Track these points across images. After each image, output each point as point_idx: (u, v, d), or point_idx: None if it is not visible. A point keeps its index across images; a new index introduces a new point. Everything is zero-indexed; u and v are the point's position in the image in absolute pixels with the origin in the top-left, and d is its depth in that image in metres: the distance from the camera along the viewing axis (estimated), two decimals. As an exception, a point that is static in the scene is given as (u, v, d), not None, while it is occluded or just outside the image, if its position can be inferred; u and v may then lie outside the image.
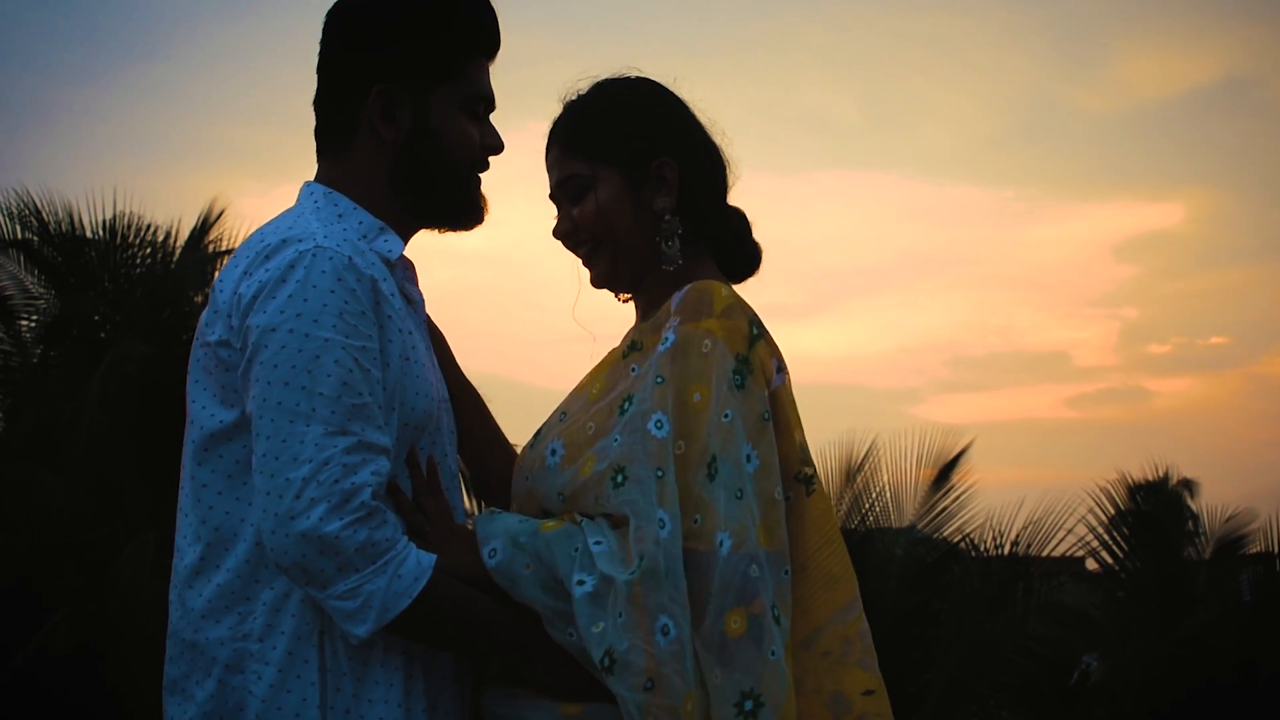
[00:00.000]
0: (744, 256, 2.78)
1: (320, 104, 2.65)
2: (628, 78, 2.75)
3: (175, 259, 13.09)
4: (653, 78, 2.75)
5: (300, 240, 2.43)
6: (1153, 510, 11.84)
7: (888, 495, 11.93)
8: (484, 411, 2.89)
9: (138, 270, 13.06)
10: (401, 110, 2.58)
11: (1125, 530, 11.85)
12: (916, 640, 11.37)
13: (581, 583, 2.35)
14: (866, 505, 11.90)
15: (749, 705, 2.33)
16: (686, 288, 2.56)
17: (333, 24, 2.63)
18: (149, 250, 13.11)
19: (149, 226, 13.12)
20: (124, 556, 10.58)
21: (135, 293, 12.77)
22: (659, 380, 2.46)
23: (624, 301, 2.78)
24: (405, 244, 2.66)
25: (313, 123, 2.69)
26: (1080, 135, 26.77)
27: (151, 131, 24.76)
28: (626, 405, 2.49)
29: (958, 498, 12.04)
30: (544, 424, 2.67)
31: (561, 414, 2.64)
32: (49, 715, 10.70)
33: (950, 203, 27.27)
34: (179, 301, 12.64)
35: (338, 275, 2.39)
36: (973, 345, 26.82)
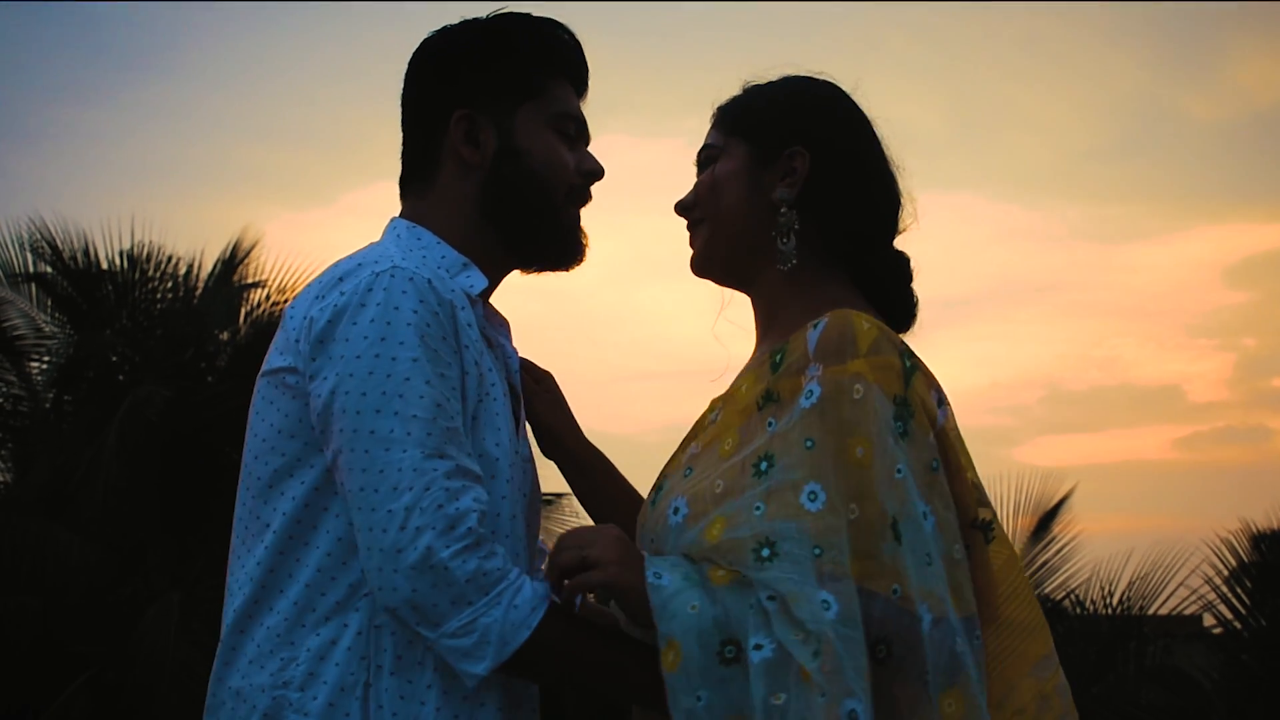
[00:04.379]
0: (900, 302, 2.66)
1: (405, 149, 2.69)
2: (808, 75, 2.70)
3: (199, 294, 13.13)
4: (842, 86, 2.68)
5: (376, 262, 2.42)
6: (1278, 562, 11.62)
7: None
8: (613, 473, 2.86)
9: (158, 306, 13.11)
10: (485, 133, 2.60)
11: (1248, 584, 11.63)
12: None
13: (759, 647, 2.25)
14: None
15: None
16: (823, 321, 2.42)
17: (412, 67, 2.69)
18: (170, 285, 13.19)
19: (170, 259, 13.21)
20: (147, 619, 10.61)
21: (156, 331, 12.83)
22: (809, 444, 2.34)
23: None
24: (495, 284, 2.66)
25: (350, 146, 2.61)
26: (1191, 147, 26.50)
27: (169, 155, 24.90)
28: (764, 465, 2.37)
29: (1059, 550, 11.89)
30: (665, 477, 2.58)
31: (687, 469, 2.52)
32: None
33: (1047, 223, 27.08)
34: (203, 340, 12.70)
35: (420, 296, 2.38)
36: (1074, 380, 26.59)
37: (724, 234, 2.62)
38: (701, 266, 2.68)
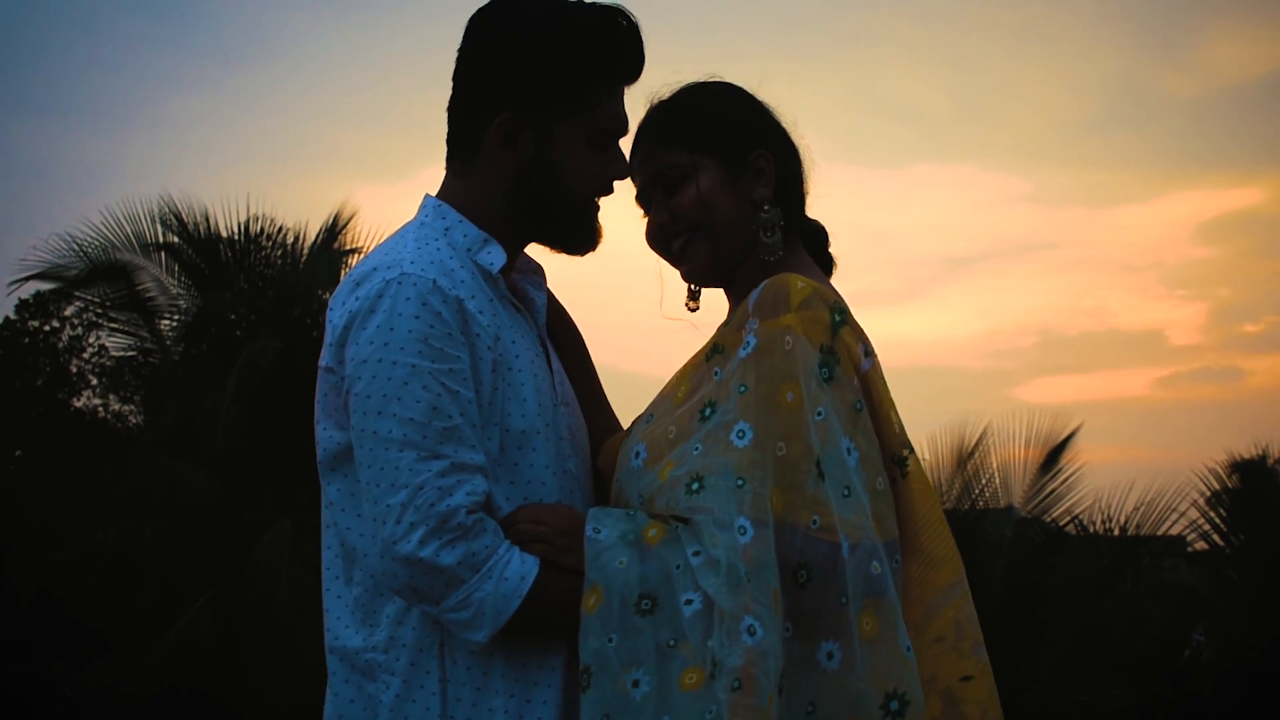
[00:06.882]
0: (827, 257, 2.72)
1: (450, 115, 2.59)
2: (715, 80, 2.69)
3: (304, 259, 13.30)
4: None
5: (388, 268, 2.42)
6: (1258, 487, 11.65)
7: (997, 479, 11.85)
8: (605, 420, 2.81)
9: (270, 270, 13.29)
10: (523, 139, 2.51)
11: (1229, 506, 11.68)
12: (1026, 619, 11.27)
13: (689, 602, 2.30)
14: (978, 489, 11.81)
15: (895, 705, 2.30)
16: (763, 284, 2.45)
17: (469, 37, 2.56)
18: (280, 252, 13.33)
19: (279, 229, 13.40)
20: (262, 544, 10.94)
21: (268, 292, 13.11)
22: (741, 389, 2.39)
23: (692, 309, 2.73)
24: (517, 255, 2.63)
25: (425, 128, 2.70)
26: (1169, 119, 26.45)
27: (274, 137, 25.29)
28: (708, 412, 2.43)
29: (1066, 479, 11.94)
30: (633, 423, 2.62)
31: (649, 415, 2.58)
32: (193, 695, 10.95)
33: (1040, 189, 27.17)
34: (309, 300, 12.89)
35: (422, 300, 2.38)
36: (1066, 327, 26.67)
37: (726, 244, 2.59)
38: (703, 278, 2.66)
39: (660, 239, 2.64)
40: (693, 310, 2.72)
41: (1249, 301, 27.20)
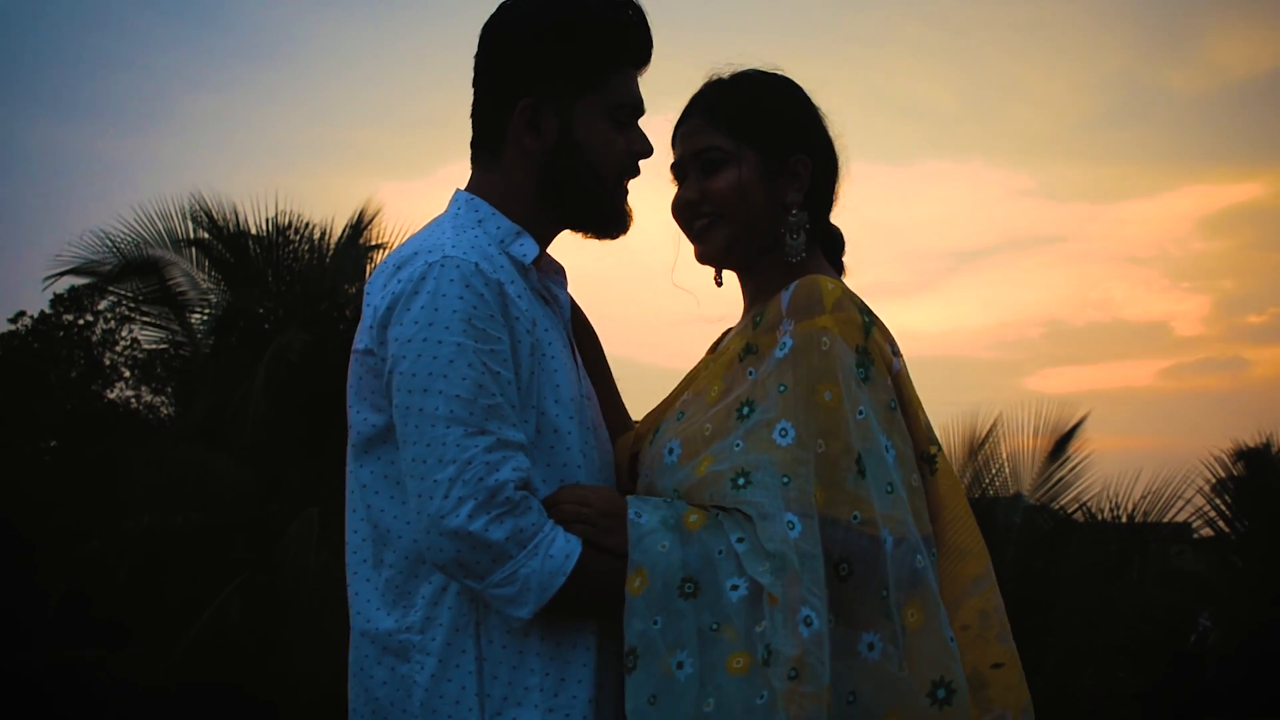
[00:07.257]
0: (839, 264, 2.74)
1: (474, 115, 2.64)
2: (777, 73, 2.69)
3: (330, 254, 13.39)
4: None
5: (429, 251, 2.44)
6: (1262, 475, 11.69)
7: (1006, 468, 11.90)
8: (620, 418, 2.84)
9: (297, 265, 13.39)
10: (547, 122, 2.55)
11: (1234, 494, 11.72)
12: (1035, 605, 11.31)
13: (735, 588, 2.32)
14: (988, 479, 11.86)
15: (941, 693, 2.32)
16: (793, 286, 2.49)
17: (484, 38, 2.61)
18: (307, 247, 13.43)
19: (306, 225, 13.55)
20: (290, 531, 11.05)
21: (296, 287, 13.26)
22: (781, 388, 2.42)
23: (718, 284, 2.74)
24: (546, 247, 2.65)
25: (446, 125, 2.72)
26: (1173, 116, 26.61)
27: (298, 135, 25.51)
28: (746, 410, 2.45)
29: (1074, 468, 11.99)
30: (661, 419, 2.65)
31: (679, 413, 2.59)
32: (220, 683, 11.07)
33: (1047, 184, 27.34)
34: (335, 294, 12.99)
35: (465, 282, 2.39)
36: (1073, 319, 26.81)
37: (748, 234, 2.60)
38: (719, 259, 2.66)
39: (684, 214, 2.66)
40: (719, 286, 2.74)
41: (1252, 293, 27.33)
